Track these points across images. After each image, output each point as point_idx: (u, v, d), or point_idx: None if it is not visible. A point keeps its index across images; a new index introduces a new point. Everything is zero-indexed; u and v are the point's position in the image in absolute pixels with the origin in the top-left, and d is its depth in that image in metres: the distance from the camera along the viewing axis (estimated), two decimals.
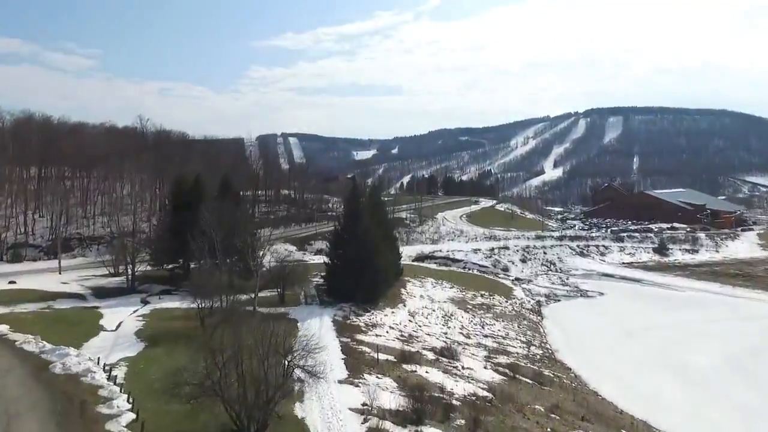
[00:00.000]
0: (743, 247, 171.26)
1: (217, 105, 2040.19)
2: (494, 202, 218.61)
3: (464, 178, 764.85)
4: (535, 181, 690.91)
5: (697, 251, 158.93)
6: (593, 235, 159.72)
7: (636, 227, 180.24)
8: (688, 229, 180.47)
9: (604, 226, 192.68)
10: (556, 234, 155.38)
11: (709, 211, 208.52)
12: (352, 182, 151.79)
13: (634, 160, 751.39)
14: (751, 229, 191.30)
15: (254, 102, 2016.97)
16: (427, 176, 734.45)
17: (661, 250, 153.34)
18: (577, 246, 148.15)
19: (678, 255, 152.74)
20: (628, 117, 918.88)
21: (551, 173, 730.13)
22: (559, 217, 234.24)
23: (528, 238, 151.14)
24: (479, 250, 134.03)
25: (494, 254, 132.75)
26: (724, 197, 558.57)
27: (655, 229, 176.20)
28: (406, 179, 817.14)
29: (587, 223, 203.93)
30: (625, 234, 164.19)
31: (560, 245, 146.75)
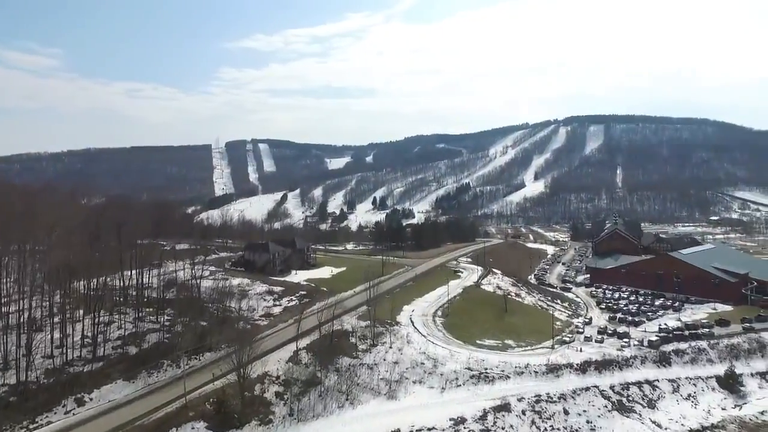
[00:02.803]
0: None
1: (188, 106, 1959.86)
2: (479, 270, 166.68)
3: (441, 192, 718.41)
4: (516, 197, 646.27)
5: None
6: (627, 357, 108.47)
7: (677, 326, 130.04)
8: (743, 322, 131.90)
9: (629, 314, 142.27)
10: (576, 362, 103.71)
11: (755, 282, 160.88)
12: None
13: (618, 172, 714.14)
14: None
15: (226, 103, 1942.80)
16: (396, 208, 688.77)
17: (730, 384, 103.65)
18: (612, 390, 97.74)
19: (757, 391, 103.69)
20: (609, 125, 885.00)
21: (532, 187, 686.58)
22: (563, 285, 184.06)
23: (536, 372, 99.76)
24: (463, 421, 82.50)
25: (487, 426, 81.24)
26: (717, 217, 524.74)
27: (703, 326, 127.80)
28: (379, 193, 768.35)
29: (604, 303, 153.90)
30: (671, 350, 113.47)
31: (586, 390, 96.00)
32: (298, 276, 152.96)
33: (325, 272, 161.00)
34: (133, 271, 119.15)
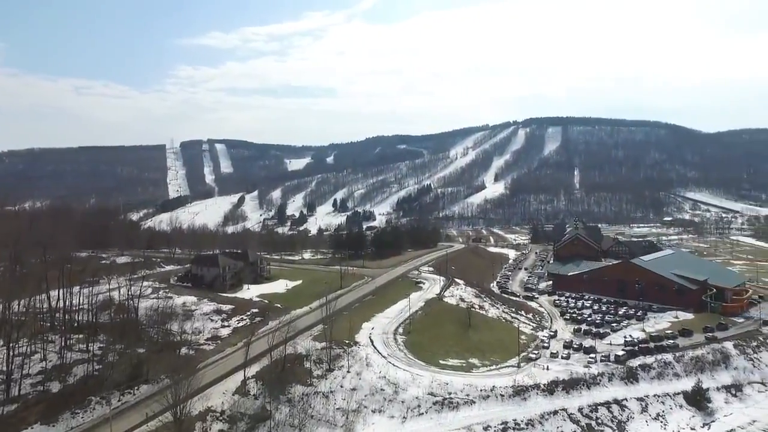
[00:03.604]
0: None
1: (141, 105, 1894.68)
2: (442, 280, 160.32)
3: (402, 194, 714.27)
4: (477, 198, 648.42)
5: (741, 388, 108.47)
6: (594, 375, 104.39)
7: (642, 338, 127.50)
8: (706, 332, 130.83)
9: (593, 325, 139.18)
10: (543, 382, 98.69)
11: (714, 289, 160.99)
12: None
13: (575, 173, 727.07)
14: None
15: (182, 101, 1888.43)
16: (356, 210, 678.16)
17: (698, 400, 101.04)
18: (581, 413, 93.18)
19: (723, 407, 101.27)
20: (567, 127, 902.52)
21: (493, 188, 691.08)
22: (526, 293, 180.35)
23: (502, 396, 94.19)
24: None
25: None
26: (670, 218, 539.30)
27: (667, 337, 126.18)
28: (340, 195, 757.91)
29: (568, 314, 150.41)
30: (637, 364, 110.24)
31: (554, 414, 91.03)
32: (251, 291, 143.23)
33: (279, 286, 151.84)
34: (62, 291, 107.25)
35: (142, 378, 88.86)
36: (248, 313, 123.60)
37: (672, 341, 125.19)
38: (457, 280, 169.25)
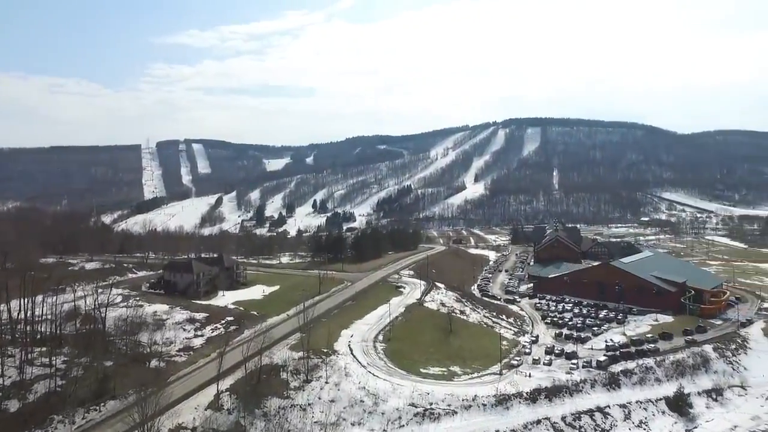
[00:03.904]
0: (762, 365, 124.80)
1: (116, 104, 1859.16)
2: (422, 285, 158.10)
3: (382, 194, 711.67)
4: (457, 199, 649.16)
5: (722, 393, 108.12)
6: (577, 381, 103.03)
7: (623, 342, 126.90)
8: (685, 335, 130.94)
9: (574, 329, 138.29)
10: (526, 390, 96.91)
11: (692, 291, 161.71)
12: None
13: (554, 174, 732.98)
14: (750, 322, 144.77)
15: (158, 101, 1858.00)
16: (336, 212, 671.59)
17: (680, 406, 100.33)
18: (564, 421, 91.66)
19: (705, 412, 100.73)
20: (546, 128, 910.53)
21: (473, 189, 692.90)
22: (506, 297, 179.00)
23: (485, 405, 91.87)
24: None
25: None
26: (647, 218, 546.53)
27: (648, 341, 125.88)
28: (319, 195, 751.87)
29: (549, 318, 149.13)
30: (619, 370, 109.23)
31: (537, 424, 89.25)
32: (226, 298, 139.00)
33: (256, 292, 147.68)
34: (24, 301, 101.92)
35: (108, 394, 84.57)
36: (223, 322, 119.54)
37: (653, 345, 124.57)
38: (437, 284, 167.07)
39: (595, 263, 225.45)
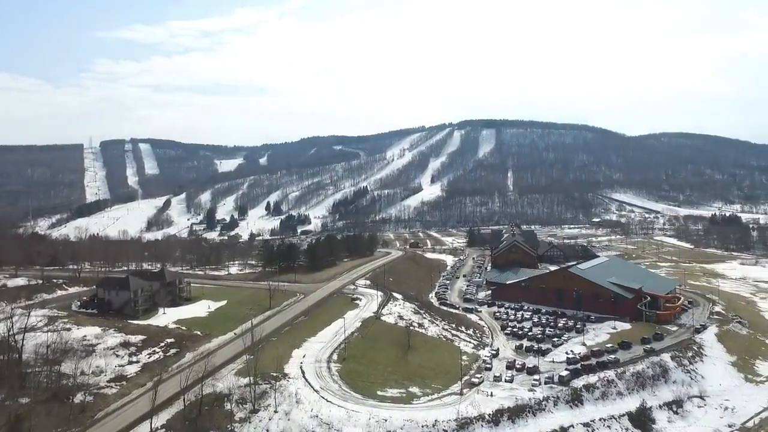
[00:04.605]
0: (718, 372, 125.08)
1: (56, 101, 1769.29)
2: (379, 296, 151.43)
3: (338, 196, 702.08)
4: (414, 201, 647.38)
5: (682, 405, 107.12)
6: (539, 399, 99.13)
7: (584, 354, 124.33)
8: (644, 343, 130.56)
9: (534, 340, 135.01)
10: (488, 412, 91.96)
11: (648, 297, 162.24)
12: None
13: (509, 175, 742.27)
14: (704, 327, 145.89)
15: (102, 98, 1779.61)
16: (291, 214, 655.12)
17: (642, 421, 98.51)
18: None
19: (667, 426, 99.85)
20: (501, 130, 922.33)
21: (429, 190, 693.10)
22: (465, 305, 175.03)
23: (445, 431, 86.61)
24: None
25: None
26: (599, 219, 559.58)
27: (608, 351, 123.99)
28: (273, 198, 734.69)
29: (509, 328, 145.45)
30: (581, 385, 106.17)
31: None
32: (167, 316, 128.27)
33: (201, 309, 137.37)
34: None
35: None
36: (162, 345, 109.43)
37: (613, 356, 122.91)
38: (395, 294, 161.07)
39: (552, 267, 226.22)
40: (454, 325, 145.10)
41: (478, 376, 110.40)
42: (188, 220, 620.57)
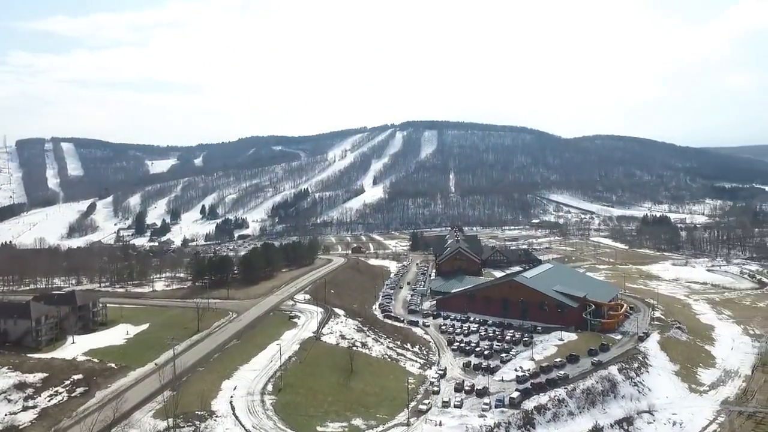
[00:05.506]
0: (663, 383, 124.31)
1: None
2: (319, 312, 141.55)
3: (278, 198, 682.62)
4: (356, 203, 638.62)
5: (632, 422, 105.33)
6: (491, 426, 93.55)
7: (533, 370, 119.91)
8: (591, 355, 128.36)
9: (482, 357, 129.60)
10: None
11: (592, 305, 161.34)
12: None
13: (451, 177, 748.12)
14: (647, 335, 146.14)
15: (19, 93, 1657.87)
16: (227, 218, 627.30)
17: None
18: None
19: None
20: (442, 131, 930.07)
21: (372, 192, 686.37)
22: (410, 317, 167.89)
23: None
24: None
25: None
26: (538, 220, 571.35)
27: (556, 366, 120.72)
28: (209, 200, 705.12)
29: (456, 343, 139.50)
30: (532, 407, 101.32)
31: None
32: (77, 346, 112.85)
33: (118, 335, 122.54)
34: None
35: None
36: (67, 383, 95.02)
37: (562, 372, 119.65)
38: (336, 310, 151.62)
39: (497, 273, 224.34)
40: (399, 342, 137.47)
41: (426, 402, 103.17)
42: (115, 225, 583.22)
